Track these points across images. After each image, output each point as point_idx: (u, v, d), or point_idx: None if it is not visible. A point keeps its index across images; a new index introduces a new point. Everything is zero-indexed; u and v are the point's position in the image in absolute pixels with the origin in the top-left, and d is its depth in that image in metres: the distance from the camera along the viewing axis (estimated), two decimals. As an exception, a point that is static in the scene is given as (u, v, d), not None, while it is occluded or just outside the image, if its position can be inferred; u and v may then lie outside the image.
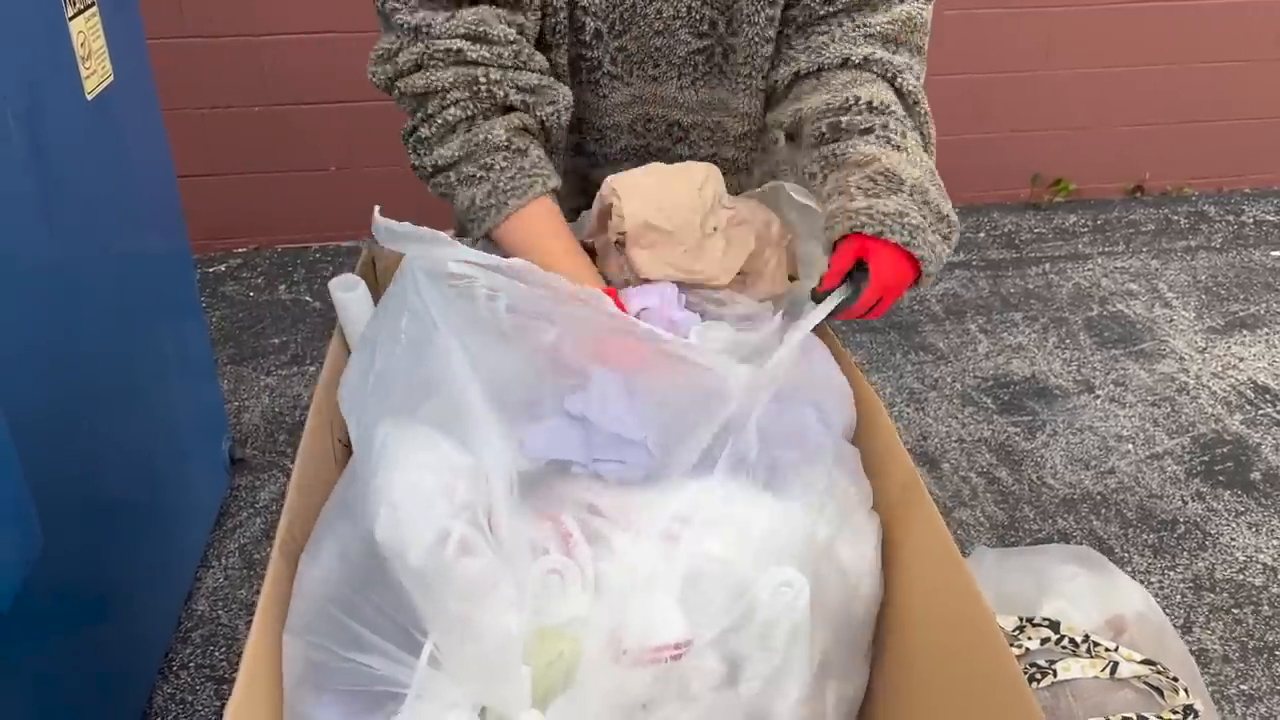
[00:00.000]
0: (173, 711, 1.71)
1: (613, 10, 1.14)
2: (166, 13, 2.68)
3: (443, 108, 1.08)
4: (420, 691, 0.82)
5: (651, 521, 0.91)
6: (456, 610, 0.83)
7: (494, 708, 0.85)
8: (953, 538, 0.98)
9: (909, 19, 1.15)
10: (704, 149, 1.27)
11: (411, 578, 0.83)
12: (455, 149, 1.08)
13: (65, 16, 1.38)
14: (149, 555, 1.71)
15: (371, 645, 0.84)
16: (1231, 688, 1.79)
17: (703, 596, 0.88)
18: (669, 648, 0.86)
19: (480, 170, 1.08)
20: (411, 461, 0.88)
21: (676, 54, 1.18)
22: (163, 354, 1.80)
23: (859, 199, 1.03)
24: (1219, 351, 2.70)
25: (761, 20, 1.16)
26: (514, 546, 0.87)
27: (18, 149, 1.26)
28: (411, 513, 0.85)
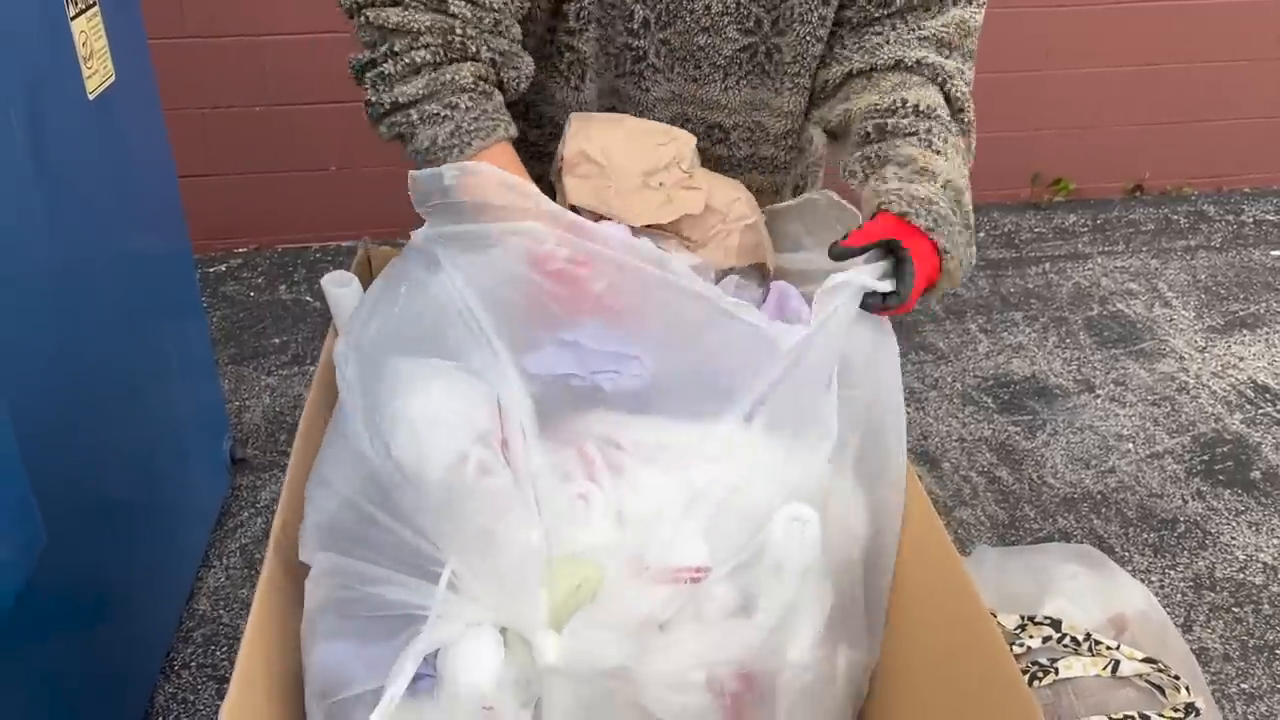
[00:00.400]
0: (174, 711, 1.71)
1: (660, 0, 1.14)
2: (167, 13, 2.68)
3: (411, 48, 1.05)
4: (442, 612, 0.84)
5: (672, 456, 0.93)
6: (478, 527, 0.85)
7: (512, 627, 0.87)
8: (950, 536, 0.98)
9: (962, 23, 1.16)
10: (743, 149, 1.26)
11: (431, 496, 0.86)
12: (419, 87, 1.05)
13: (67, 16, 1.38)
14: (150, 555, 1.72)
15: (386, 577, 0.86)
16: (1232, 686, 1.80)
17: (719, 528, 0.90)
18: (689, 570, 0.88)
19: (445, 109, 1.05)
20: (429, 388, 0.91)
21: (722, 53, 1.17)
22: (164, 354, 1.80)
23: (892, 182, 1.04)
24: (1219, 351, 2.70)
25: (814, 20, 1.15)
26: (531, 469, 0.90)
27: (19, 148, 1.26)
28: (431, 433, 0.88)
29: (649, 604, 0.87)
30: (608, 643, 0.86)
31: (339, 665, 0.87)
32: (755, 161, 1.27)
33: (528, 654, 0.87)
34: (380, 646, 0.85)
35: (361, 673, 0.86)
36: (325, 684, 0.88)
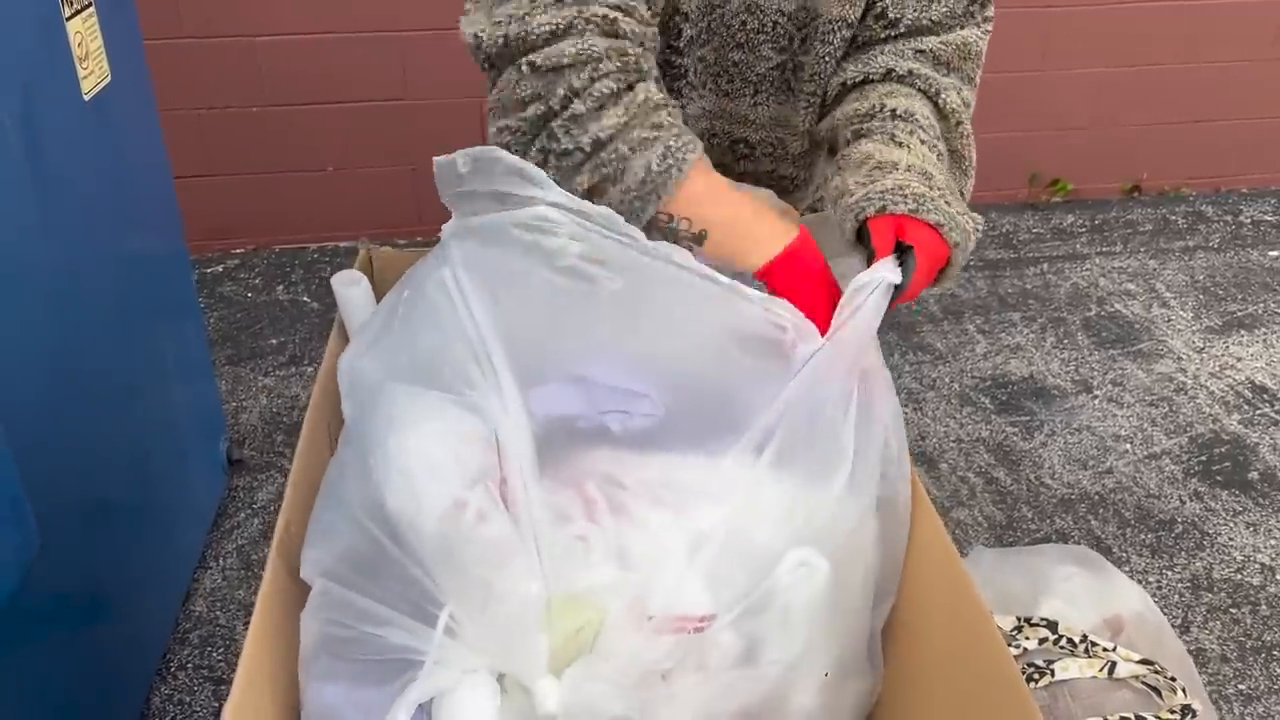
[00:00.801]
0: (170, 712, 1.71)
1: (704, 17, 1.13)
2: (163, 13, 2.67)
3: (594, 79, 0.96)
4: (438, 658, 0.82)
5: (677, 495, 0.90)
6: (475, 576, 0.83)
7: (511, 674, 0.86)
8: (950, 537, 0.98)
9: (963, 45, 1.15)
10: (765, 164, 1.26)
11: (426, 545, 0.84)
12: (619, 116, 0.96)
13: (62, 17, 1.38)
14: (146, 556, 1.71)
15: (385, 617, 0.84)
16: (1229, 687, 1.80)
17: (724, 573, 0.87)
18: (693, 619, 0.86)
19: (653, 130, 0.97)
20: (422, 429, 0.87)
21: (754, 70, 1.18)
22: (160, 354, 1.79)
23: (857, 191, 1.02)
24: (1216, 351, 2.70)
25: (836, 41, 1.16)
26: (531, 513, 0.87)
27: (14, 149, 1.26)
28: (424, 480, 0.85)
29: (651, 654, 0.85)
30: (608, 695, 0.84)
31: (332, 709, 0.86)
32: (775, 180, 1.27)
33: (526, 701, 0.85)
34: (375, 691, 0.84)
35: (355, 717, 0.84)
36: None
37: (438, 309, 0.92)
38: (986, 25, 1.17)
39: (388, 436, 0.87)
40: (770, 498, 0.89)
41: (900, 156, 1.04)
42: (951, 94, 1.13)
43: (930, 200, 0.99)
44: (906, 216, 0.98)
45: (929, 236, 0.99)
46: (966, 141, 1.14)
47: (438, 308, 0.92)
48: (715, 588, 0.87)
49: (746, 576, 0.88)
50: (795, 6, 1.13)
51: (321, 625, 0.88)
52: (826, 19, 1.14)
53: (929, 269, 0.99)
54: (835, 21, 1.14)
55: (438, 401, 0.89)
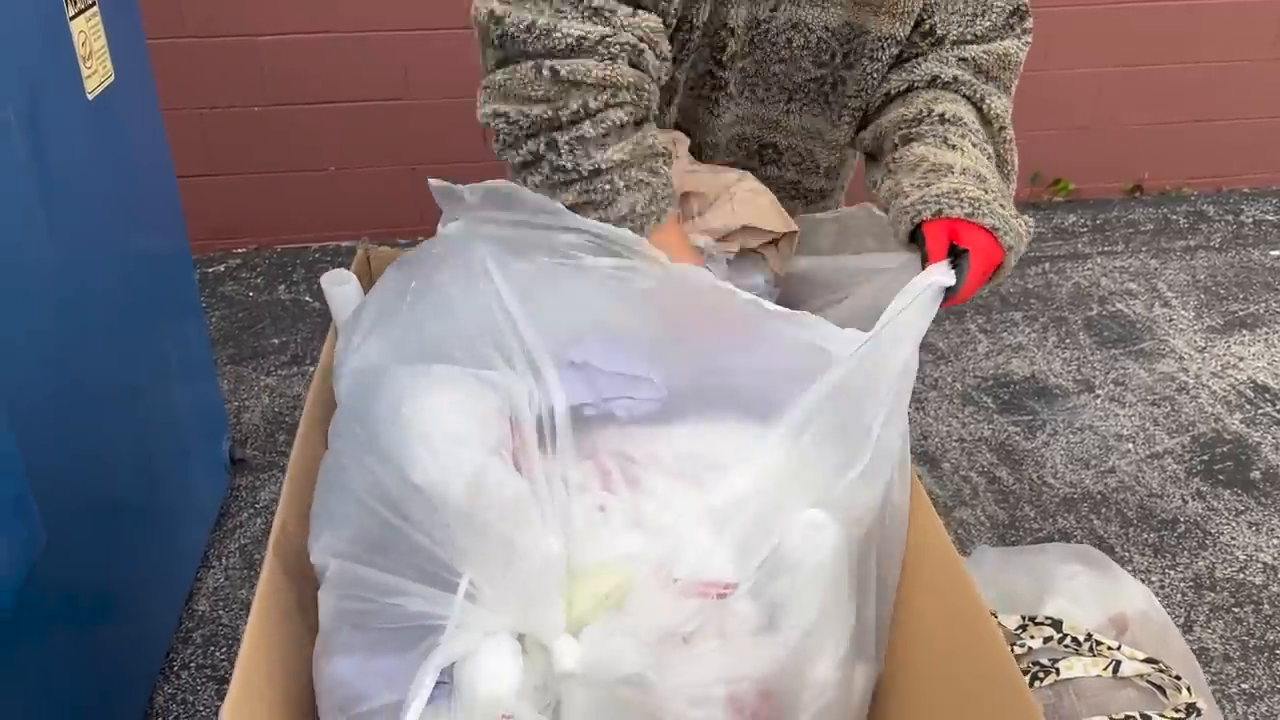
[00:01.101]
0: (174, 712, 1.71)
1: (748, 31, 1.14)
2: (166, 13, 2.67)
3: (609, 105, 0.98)
4: (460, 621, 0.83)
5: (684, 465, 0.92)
6: (497, 536, 0.84)
7: (531, 634, 0.87)
8: (949, 536, 0.98)
9: (1005, 55, 1.16)
10: (791, 173, 1.27)
11: (453, 513, 0.85)
12: (625, 152, 0.99)
13: (66, 16, 1.38)
14: (150, 555, 1.71)
15: (404, 588, 0.85)
16: (1232, 686, 1.80)
17: (743, 540, 0.89)
18: (717, 585, 0.87)
19: (648, 175, 1.01)
20: (439, 401, 0.89)
21: (792, 80, 1.19)
22: (163, 354, 1.79)
23: (913, 194, 1.03)
24: (1218, 351, 2.70)
25: (884, 59, 1.17)
26: (546, 479, 0.89)
27: (18, 148, 1.26)
28: (449, 451, 0.86)
29: (673, 616, 0.87)
30: (627, 650, 0.85)
31: (355, 678, 0.87)
32: (801, 191, 1.28)
33: (546, 660, 0.86)
34: (396, 659, 0.85)
35: (379, 686, 0.85)
36: (343, 698, 0.87)
37: (449, 296, 0.94)
38: (1027, 37, 1.18)
39: (400, 415, 0.88)
40: (797, 473, 0.91)
41: (954, 159, 1.05)
42: (995, 99, 1.14)
43: (985, 204, 1.00)
44: (961, 220, 0.99)
45: (984, 240, 1.00)
46: (1009, 147, 1.15)
47: (449, 295, 0.94)
48: (740, 557, 0.89)
49: (763, 543, 0.90)
50: (840, 23, 1.14)
51: (338, 600, 0.89)
52: (875, 35, 1.14)
53: (982, 272, 1.01)
54: (884, 39, 1.15)
55: (448, 374, 0.90)
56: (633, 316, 0.95)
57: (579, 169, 0.98)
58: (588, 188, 0.99)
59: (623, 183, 0.99)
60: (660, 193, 1.02)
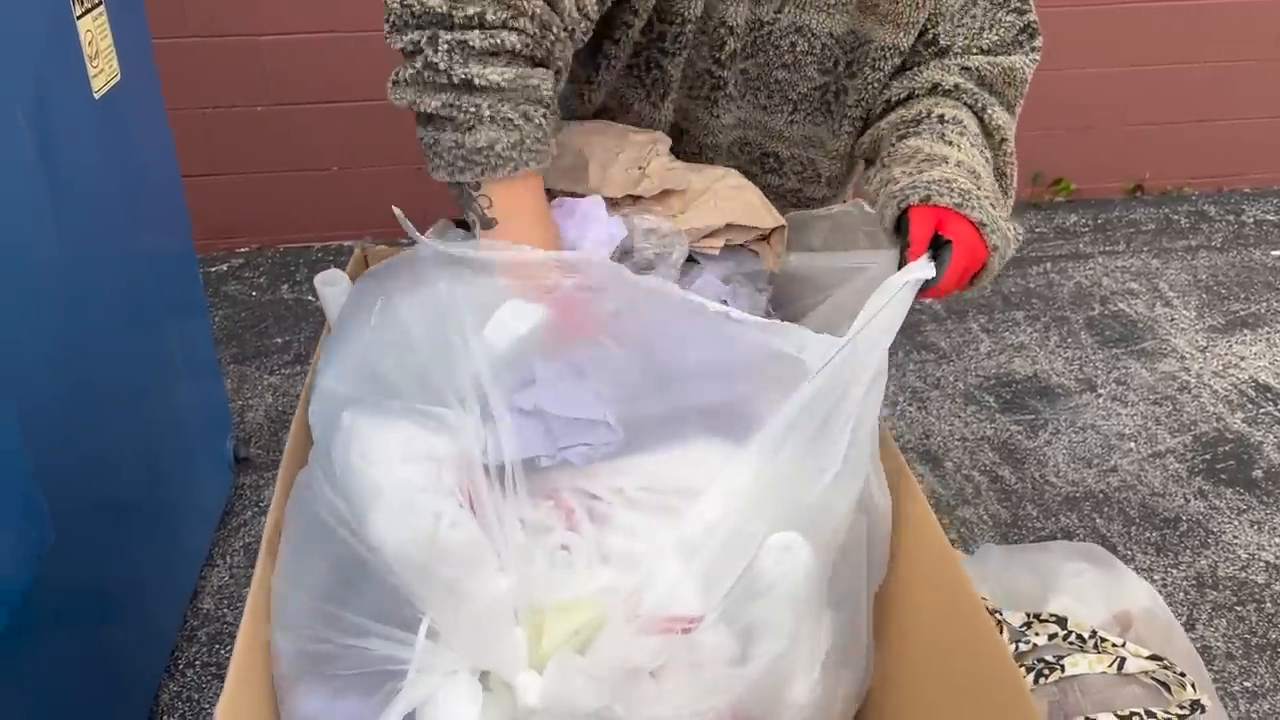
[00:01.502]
0: (179, 709, 1.71)
1: (750, 32, 1.14)
2: (169, 13, 2.68)
3: (505, 25, 0.93)
4: (421, 665, 0.83)
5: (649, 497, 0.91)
6: (446, 577, 0.84)
7: (494, 671, 0.86)
8: (952, 536, 0.97)
9: (1010, 69, 1.14)
10: (792, 182, 1.26)
11: (404, 566, 0.84)
12: (503, 77, 0.93)
13: (73, 15, 1.38)
14: (155, 554, 1.72)
15: (368, 629, 0.84)
16: (1235, 685, 1.80)
17: (709, 564, 0.87)
18: (682, 620, 0.86)
19: (520, 118, 0.94)
20: (390, 450, 0.87)
21: (797, 89, 1.18)
22: (168, 353, 1.80)
23: (902, 180, 1.01)
24: (1220, 350, 2.70)
25: (886, 69, 1.16)
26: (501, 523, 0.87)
27: (26, 147, 1.26)
28: (401, 504, 0.85)
29: (637, 654, 0.85)
30: (589, 689, 0.84)
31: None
32: (803, 199, 1.28)
33: (510, 697, 0.86)
34: (360, 703, 0.84)
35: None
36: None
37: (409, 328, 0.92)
38: (1035, 55, 1.16)
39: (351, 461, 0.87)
40: (768, 491, 0.89)
41: (950, 153, 1.04)
42: (997, 111, 1.13)
43: (975, 198, 0.98)
44: (949, 210, 0.98)
45: (969, 234, 0.98)
46: (1009, 160, 1.14)
47: (409, 327, 0.92)
48: (708, 586, 0.87)
49: (733, 567, 0.88)
50: (845, 30, 1.13)
51: (302, 643, 0.88)
52: (878, 45, 1.14)
53: (964, 267, 0.99)
54: (887, 49, 1.14)
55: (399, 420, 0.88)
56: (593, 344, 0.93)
57: (451, 75, 0.92)
58: (453, 101, 0.93)
59: (489, 112, 0.93)
60: (527, 143, 0.94)
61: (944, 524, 1.01)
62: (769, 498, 0.89)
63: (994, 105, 1.13)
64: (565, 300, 0.94)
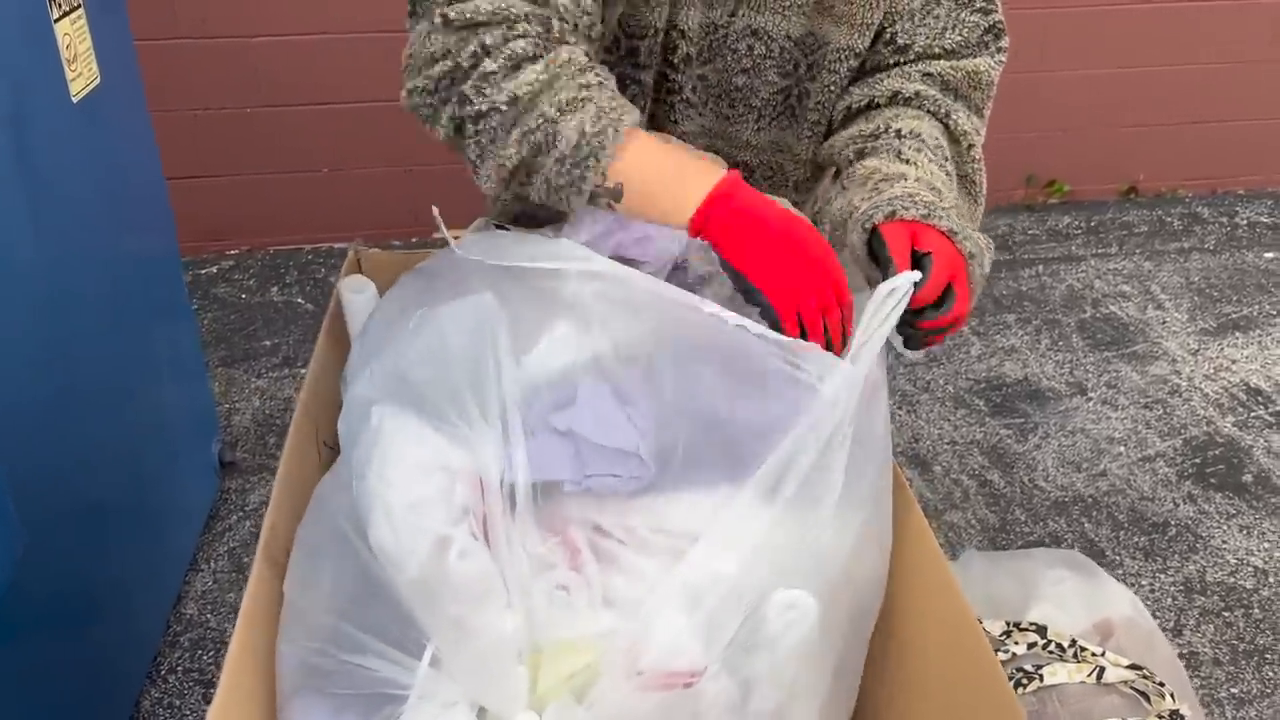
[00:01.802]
0: (160, 716, 1.71)
1: (704, 37, 1.12)
2: (158, 14, 2.67)
3: (506, 40, 0.90)
4: (422, 692, 0.82)
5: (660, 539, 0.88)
6: (452, 613, 0.83)
7: (492, 709, 0.86)
8: (940, 540, 0.97)
9: (974, 73, 1.12)
10: (762, 187, 1.23)
11: (409, 585, 0.83)
12: (539, 73, 0.89)
13: (50, 19, 1.38)
14: (137, 558, 1.71)
15: (372, 648, 0.84)
16: (1222, 691, 1.79)
17: (713, 615, 0.85)
18: (684, 675, 0.84)
19: (580, 90, 0.90)
20: (407, 461, 0.85)
21: (759, 95, 1.16)
22: (153, 356, 1.79)
23: (863, 205, 0.99)
24: (1211, 354, 2.70)
25: (842, 70, 1.14)
26: (511, 552, 0.86)
27: (4, 152, 1.26)
28: (408, 521, 0.83)
29: (640, 710, 0.83)
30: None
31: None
32: None
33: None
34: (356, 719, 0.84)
35: None
36: None
37: (445, 337, 0.90)
38: (1000, 56, 1.14)
39: (370, 466, 0.85)
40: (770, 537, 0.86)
41: (907, 170, 1.02)
42: (962, 116, 1.11)
43: (941, 209, 0.96)
44: (918, 222, 0.95)
45: (943, 243, 0.95)
46: (977, 167, 1.12)
47: (445, 336, 0.90)
48: (709, 637, 0.85)
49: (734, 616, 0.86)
50: (803, 32, 1.12)
51: (304, 655, 0.87)
52: (834, 47, 1.12)
53: (947, 276, 0.95)
54: (843, 50, 1.12)
55: (420, 432, 0.86)
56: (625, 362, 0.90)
57: (496, 106, 0.89)
58: (522, 130, 0.89)
59: (554, 109, 0.89)
60: (605, 106, 0.89)
61: (931, 529, 1.00)
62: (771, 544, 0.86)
63: (958, 110, 1.11)
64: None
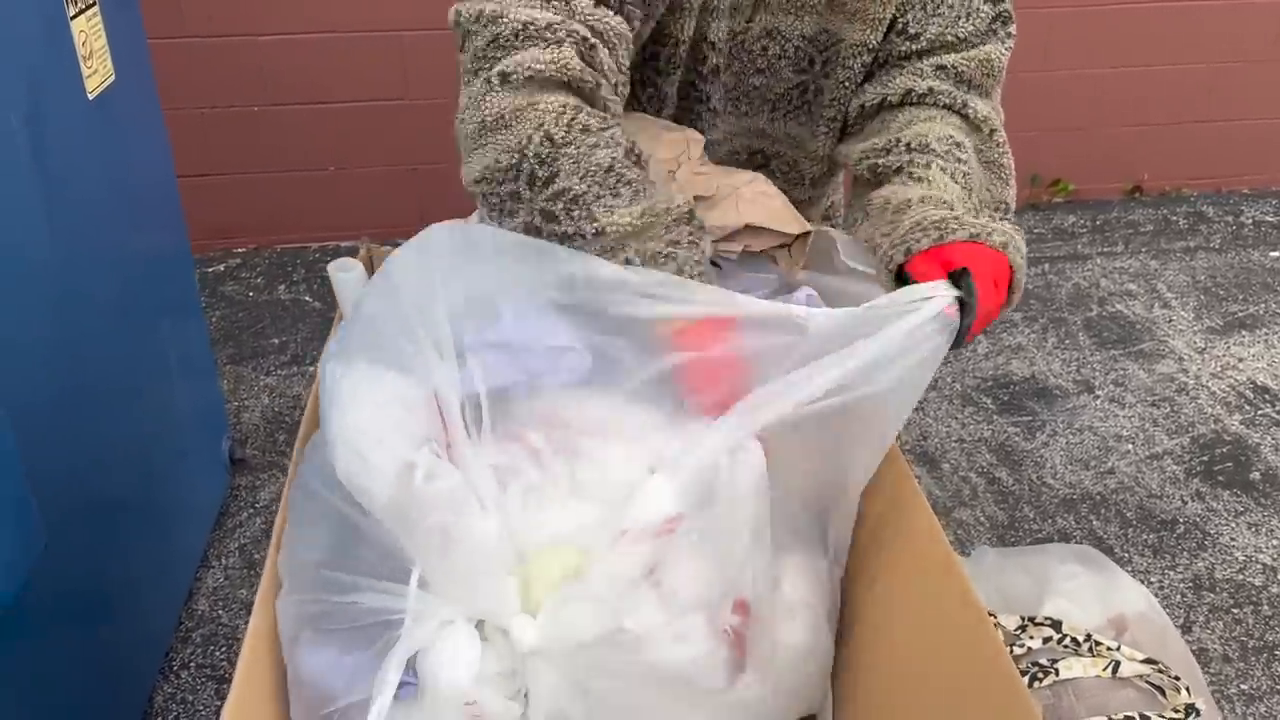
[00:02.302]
0: (173, 711, 1.71)
1: (728, 45, 1.13)
2: (166, 12, 2.67)
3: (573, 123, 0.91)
4: (416, 613, 0.83)
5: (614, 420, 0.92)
6: (431, 527, 0.84)
7: (487, 619, 0.87)
8: (947, 538, 0.98)
9: (986, 60, 1.12)
10: (778, 181, 1.25)
11: (382, 510, 0.85)
12: (630, 216, 0.90)
13: (67, 16, 1.38)
14: (149, 555, 1.71)
15: (363, 586, 0.85)
16: (1231, 687, 1.80)
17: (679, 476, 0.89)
18: (663, 523, 0.87)
19: (668, 247, 0.92)
20: (364, 400, 0.88)
21: (774, 91, 1.17)
22: (163, 354, 1.80)
23: (884, 244, 1.00)
24: (1218, 352, 2.70)
25: (856, 66, 1.15)
26: (478, 466, 0.88)
27: (20, 149, 1.26)
28: (369, 450, 0.85)
29: (628, 566, 0.86)
30: (589, 614, 0.85)
31: (321, 679, 0.87)
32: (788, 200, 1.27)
33: (508, 644, 0.86)
34: (358, 657, 0.85)
35: (344, 685, 0.85)
36: (310, 699, 0.87)
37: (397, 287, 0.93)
38: (1010, 41, 1.15)
39: (331, 416, 0.88)
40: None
41: (914, 192, 1.03)
42: (979, 104, 1.12)
43: (953, 220, 0.97)
44: (936, 247, 0.96)
45: (971, 250, 0.95)
46: (1002, 150, 1.12)
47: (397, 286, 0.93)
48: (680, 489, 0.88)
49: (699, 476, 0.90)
50: (816, 30, 1.13)
51: (298, 606, 0.89)
52: (849, 43, 1.13)
53: (992, 281, 0.95)
54: (856, 46, 1.13)
55: (374, 371, 0.90)
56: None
57: (581, 231, 0.90)
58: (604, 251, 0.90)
59: (638, 257, 0.90)
60: (688, 268, 0.91)
61: (940, 526, 1.01)
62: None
63: (974, 99, 1.12)
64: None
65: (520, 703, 0.87)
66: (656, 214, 0.91)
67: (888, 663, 1.02)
